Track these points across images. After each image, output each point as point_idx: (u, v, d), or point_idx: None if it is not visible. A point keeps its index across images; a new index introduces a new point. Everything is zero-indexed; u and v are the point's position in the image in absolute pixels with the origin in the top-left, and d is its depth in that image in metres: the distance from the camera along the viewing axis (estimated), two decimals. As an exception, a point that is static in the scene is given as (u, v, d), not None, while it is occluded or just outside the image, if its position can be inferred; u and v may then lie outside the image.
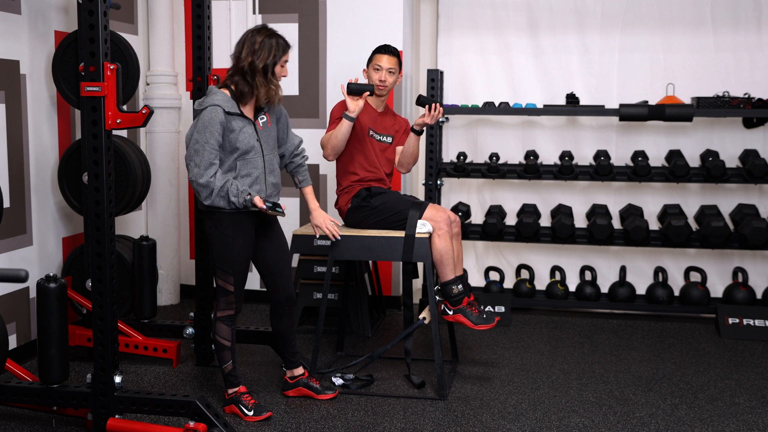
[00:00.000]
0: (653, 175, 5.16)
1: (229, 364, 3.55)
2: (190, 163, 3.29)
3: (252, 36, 3.39)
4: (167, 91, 5.35)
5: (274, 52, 3.38)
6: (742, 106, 4.96)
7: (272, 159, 3.50)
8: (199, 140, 3.27)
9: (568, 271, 5.51)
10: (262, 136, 3.45)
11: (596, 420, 3.53)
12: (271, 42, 3.38)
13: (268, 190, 3.46)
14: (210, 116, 3.28)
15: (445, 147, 5.67)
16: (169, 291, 5.52)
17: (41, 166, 4.34)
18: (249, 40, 3.37)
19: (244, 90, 3.37)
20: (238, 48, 3.40)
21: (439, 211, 3.87)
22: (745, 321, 4.89)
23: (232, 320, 3.54)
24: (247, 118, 3.40)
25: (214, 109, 3.29)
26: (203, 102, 3.35)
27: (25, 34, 4.19)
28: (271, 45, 3.38)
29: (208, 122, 3.27)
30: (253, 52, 3.35)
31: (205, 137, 3.27)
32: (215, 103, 3.30)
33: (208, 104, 3.31)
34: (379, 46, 4.12)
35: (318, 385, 3.73)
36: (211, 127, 3.27)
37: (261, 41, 3.36)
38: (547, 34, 5.52)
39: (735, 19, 5.30)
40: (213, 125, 3.27)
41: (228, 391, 3.56)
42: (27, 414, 3.51)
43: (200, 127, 3.29)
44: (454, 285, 3.85)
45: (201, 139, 3.27)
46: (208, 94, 3.39)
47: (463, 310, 3.86)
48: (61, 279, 3.17)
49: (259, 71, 3.35)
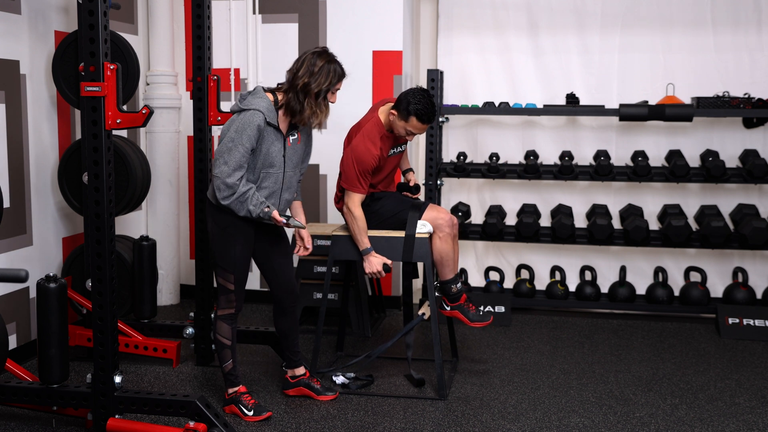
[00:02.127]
0: (653, 175, 5.16)
1: (229, 363, 3.55)
2: (220, 159, 3.28)
3: (312, 58, 3.39)
4: (167, 91, 5.35)
5: (330, 78, 3.40)
6: (742, 106, 4.96)
7: (292, 176, 3.52)
8: (234, 139, 3.27)
9: (568, 271, 5.51)
10: (288, 153, 3.46)
11: (596, 420, 3.53)
12: (330, 67, 3.40)
13: (281, 205, 3.49)
14: (251, 120, 3.28)
15: (445, 147, 5.67)
16: (169, 291, 5.52)
17: (41, 166, 4.34)
18: (309, 61, 3.38)
19: (294, 107, 3.38)
20: (296, 66, 3.40)
21: (440, 213, 3.87)
22: (745, 321, 4.89)
23: (232, 319, 3.55)
24: (280, 132, 3.42)
25: (257, 114, 3.29)
26: (248, 102, 3.34)
27: (25, 34, 4.18)
28: (329, 70, 3.39)
29: (248, 125, 3.28)
30: (310, 74, 3.36)
31: (241, 139, 3.27)
32: (259, 108, 3.31)
33: (252, 107, 3.31)
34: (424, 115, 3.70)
35: (319, 386, 3.73)
36: (249, 131, 3.28)
37: (321, 65, 3.37)
38: (547, 34, 5.52)
39: (735, 19, 5.30)
40: (251, 129, 3.28)
41: (228, 391, 3.56)
42: (27, 414, 3.51)
43: (239, 127, 3.28)
44: (453, 284, 3.91)
45: (237, 139, 3.27)
46: (254, 94, 3.38)
47: (461, 307, 3.94)
48: (61, 279, 3.17)
49: (312, 94, 3.37)
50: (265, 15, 5.35)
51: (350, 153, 3.78)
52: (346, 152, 3.83)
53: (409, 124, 3.72)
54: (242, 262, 3.46)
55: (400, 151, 4.01)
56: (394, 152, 3.96)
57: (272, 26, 5.34)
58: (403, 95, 3.74)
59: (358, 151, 3.75)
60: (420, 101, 3.68)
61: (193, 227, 5.32)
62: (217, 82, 4.11)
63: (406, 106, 3.69)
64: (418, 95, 3.70)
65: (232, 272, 3.46)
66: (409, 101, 3.69)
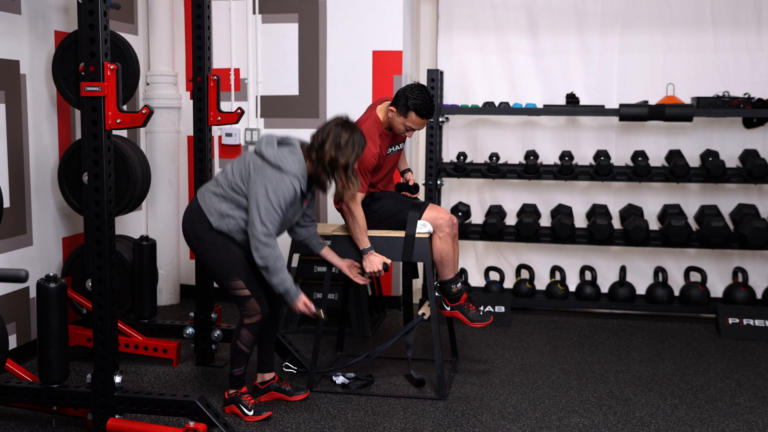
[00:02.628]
0: (653, 175, 5.16)
1: (240, 370, 3.54)
2: (256, 216, 3.25)
3: (337, 129, 3.37)
4: (167, 91, 5.35)
5: (357, 151, 3.39)
6: (742, 106, 4.96)
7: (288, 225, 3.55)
8: (272, 201, 3.26)
9: (568, 271, 5.51)
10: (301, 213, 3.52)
11: (596, 420, 3.53)
12: (354, 139, 3.37)
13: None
14: (290, 187, 3.28)
15: (445, 147, 5.67)
16: (169, 291, 5.52)
17: (41, 166, 4.34)
18: (334, 133, 3.36)
19: (325, 181, 3.40)
20: (322, 136, 3.37)
21: (440, 213, 3.87)
22: (745, 321, 4.89)
23: (258, 327, 3.50)
24: (304, 195, 3.46)
25: (296, 182, 3.30)
26: (285, 160, 3.30)
27: (25, 34, 4.18)
28: (354, 143, 3.37)
29: (287, 191, 3.28)
30: (337, 147, 3.34)
31: (279, 202, 3.27)
32: (297, 175, 3.31)
33: (291, 171, 3.29)
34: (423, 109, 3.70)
35: (289, 388, 3.73)
36: (288, 196, 3.29)
37: (347, 139, 3.35)
38: (547, 34, 5.52)
39: (735, 19, 5.30)
40: (289, 194, 3.29)
41: (228, 391, 3.56)
42: (27, 414, 3.51)
43: (277, 188, 3.27)
44: (453, 284, 3.91)
45: (276, 201, 3.26)
46: (292, 151, 3.34)
47: (461, 307, 3.94)
48: (61, 279, 3.17)
49: (341, 168, 3.36)
50: (265, 15, 5.35)
51: None
52: None
53: (408, 119, 3.72)
54: (241, 263, 3.43)
55: (399, 150, 4.01)
56: (393, 151, 3.96)
57: (272, 26, 5.34)
58: (401, 91, 3.73)
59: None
60: (418, 96, 3.68)
61: (193, 227, 5.31)
62: (217, 82, 4.11)
63: (405, 102, 3.69)
64: (416, 90, 3.70)
65: (238, 277, 3.41)
66: (408, 97, 3.69)
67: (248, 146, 5.42)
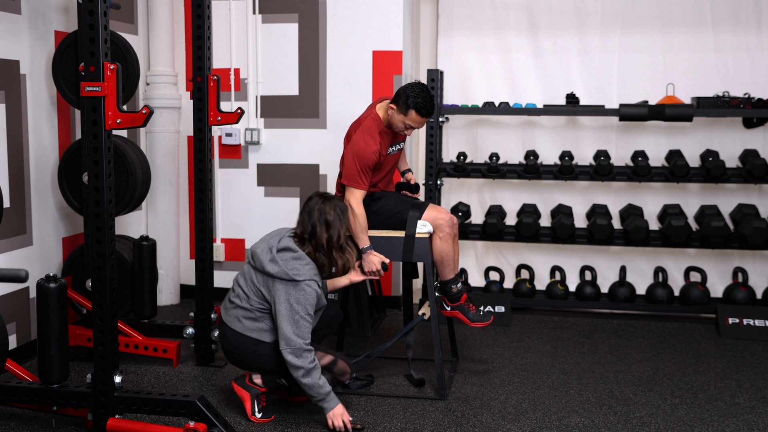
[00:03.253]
0: (653, 175, 5.16)
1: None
2: (288, 331, 3.28)
3: (321, 206, 3.42)
4: (167, 91, 5.35)
5: (344, 222, 3.43)
6: (742, 106, 4.96)
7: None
8: (299, 312, 3.30)
9: (568, 271, 5.51)
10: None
11: (596, 420, 3.53)
12: (339, 210, 3.43)
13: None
14: (311, 291, 3.32)
15: (445, 147, 5.67)
16: (169, 291, 5.52)
17: (41, 166, 4.34)
18: (318, 211, 3.40)
19: (324, 264, 3.43)
20: (310, 223, 3.41)
21: (440, 213, 3.87)
22: (745, 321, 4.89)
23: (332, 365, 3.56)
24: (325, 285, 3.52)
25: (313, 284, 3.34)
26: (297, 270, 3.32)
27: (25, 34, 4.18)
28: (340, 214, 3.43)
29: (309, 297, 3.32)
30: (327, 226, 3.39)
31: (306, 310, 3.31)
32: (313, 278, 3.35)
33: (305, 278, 3.32)
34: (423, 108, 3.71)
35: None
36: (311, 301, 3.33)
37: (333, 214, 3.40)
38: (547, 34, 5.52)
39: (735, 19, 5.30)
40: (312, 299, 3.33)
41: (254, 380, 3.52)
42: (27, 414, 3.51)
43: (301, 301, 3.31)
44: (454, 284, 3.92)
45: (301, 311, 3.30)
46: (298, 260, 3.35)
47: (461, 307, 3.94)
48: (61, 279, 3.17)
49: (336, 245, 3.40)
50: (265, 15, 5.35)
51: (351, 149, 3.77)
52: (347, 149, 3.82)
53: (408, 117, 3.72)
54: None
55: (399, 149, 4.02)
56: (393, 150, 3.96)
57: (272, 26, 5.34)
58: (402, 90, 3.74)
59: (358, 147, 3.75)
60: (419, 95, 3.68)
61: (193, 227, 5.32)
62: (217, 82, 4.11)
63: (405, 100, 3.69)
64: (417, 89, 3.70)
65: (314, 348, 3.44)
66: (408, 95, 3.69)
67: (248, 146, 5.42)
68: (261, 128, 5.39)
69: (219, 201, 5.50)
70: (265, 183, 5.45)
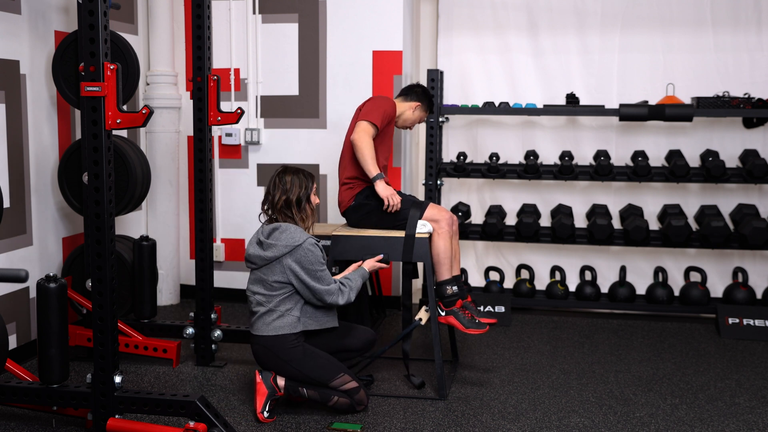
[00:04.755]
0: (653, 175, 5.16)
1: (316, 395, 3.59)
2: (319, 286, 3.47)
3: (279, 177, 3.57)
4: (167, 91, 5.35)
5: (303, 183, 3.56)
6: (742, 106, 4.96)
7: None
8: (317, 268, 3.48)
9: (568, 271, 5.51)
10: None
11: (596, 420, 3.53)
12: (297, 176, 3.57)
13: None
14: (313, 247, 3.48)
15: (445, 147, 5.67)
16: (169, 291, 5.52)
17: (41, 166, 4.34)
18: (277, 181, 3.57)
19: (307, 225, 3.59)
20: (270, 192, 3.58)
21: (440, 211, 3.88)
22: (745, 321, 4.90)
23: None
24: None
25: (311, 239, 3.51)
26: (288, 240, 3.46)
27: (25, 34, 4.19)
28: (298, 179, 3.56)
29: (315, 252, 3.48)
30: (284, 191, 3.54)
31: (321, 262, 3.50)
32: (308, 236, 3.51)
33: (302, 238, 3.47)
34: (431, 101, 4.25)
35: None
36: (318, 254, 3.50)
37: (290, 179, 3.55)
38: (547, 34, 5.52)
39: (735, 19, 5.30)
40: (318, 252, 3.50)
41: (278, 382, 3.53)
42: (27, 414, 3.51)
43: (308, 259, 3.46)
44: (449, 286, 3.87)
45: (318, 265, 3.49)
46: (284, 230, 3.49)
47: (455, 313, 3.87)
48: (61, 279, 3.17)
49: (294, 205, 3.54)
50: (265, 15, 5.34)
51: (374, 101, 4.02)
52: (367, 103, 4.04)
53: (425, 114, 4.22)
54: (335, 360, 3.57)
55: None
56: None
57: (272, 26, 5.34)
58: (421, 91, 4.20)
59: (379, 100, 4.04)
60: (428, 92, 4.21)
61: (193, 227, 5.32)
62: (217, 82, 4.11)
63: (429, 103, 4.21)
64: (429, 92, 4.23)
65: (342, 372, 3.53)
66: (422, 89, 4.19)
67: (248, 146, 5.42)
68: (261, 128, 5.39)
69: (219, 201, 5.50)
70: (265, 183, 5.44)
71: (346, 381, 3.52)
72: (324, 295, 3.48)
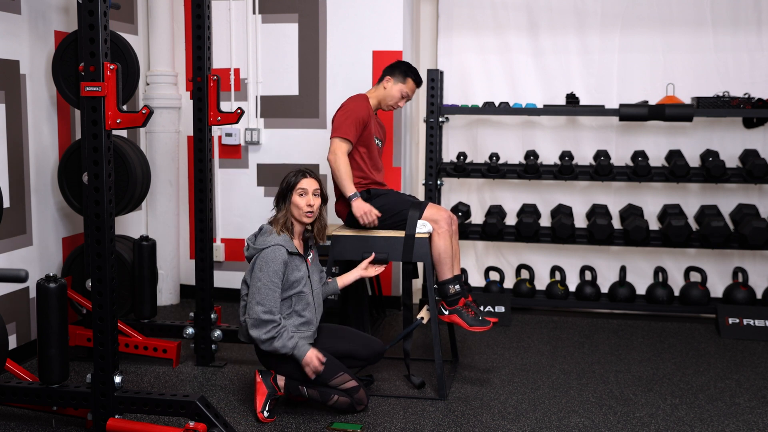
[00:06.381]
0: (653, 175, 5.16)
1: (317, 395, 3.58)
2: (252, 302, 3.39)
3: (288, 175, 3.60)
4: (167, 91, 5.35)
5: (287, 179, 3.56)
6: (742, 106, 4.96)
7: (319, 292, 3.66)
8: (261, 279, 3.38)
9: (568, 271, 5.51)
10: (312, 272, 3.61)
11: (596, 420, 3.53)
12: (288, 175, 3.58)
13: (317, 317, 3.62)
14: (273, 255, 3.40)
15: (445, 147, 5.67)
16: (169, 291, 5.52)
17: (41, 166, 4.34)
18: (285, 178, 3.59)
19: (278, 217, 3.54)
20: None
21: (440, 211, 3.88)
22: (745, 321, 4.90)
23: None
24: (302, 256, 3.55)
25: (278, 249, 3.42)
26: (262, 241, 3.45)
27: (25, 34, 4.19)
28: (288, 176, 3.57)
29: (271, 261, 3.39)
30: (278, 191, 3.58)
31: (269, 275, 3.38)
32: (277, 243, 3.43)
33: (268, 245, 3.42)
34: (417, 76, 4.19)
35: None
36: (275, 266, 3.39)
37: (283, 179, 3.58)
38: (547, 34, 5.52)
39: (735, 19, 5.30)
40: (276, 264, 3.40)
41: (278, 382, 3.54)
42: (27, 414, 3.51)
43: (262, 265, 3.40)
44: (451, 285, 3.88)
45: (264, 278, 3.38)
46: (264, 233, 3.51)
47: (459, 311, 3.89)
48: (61, 279, 3.17)
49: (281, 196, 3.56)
50: (265, 15, 5.35)
51: (342, 110, 4.01)
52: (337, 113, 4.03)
53: (406, 85, 4.12)
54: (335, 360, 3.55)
55: (381, 145, 4.21)
56: (378, 142, 4.14)
57: (272, 26, 5.34)
58: (394, 64, 4.19)
59: (350, 105, 4.03)
60: (411, 67, 4.18)
61: (193, 227, 5.32)
62: (217, 82, 4.11)
63: (404, 70, 4.13)
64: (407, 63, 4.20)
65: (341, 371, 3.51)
66: (404, 66, 4.15)
67: (248, 146, 5.42)
68: (261, 128, 5.39)
69: (219, 201, 5.50)
70: (265, 183, 5.45)
71: (346, 380, 3.52)
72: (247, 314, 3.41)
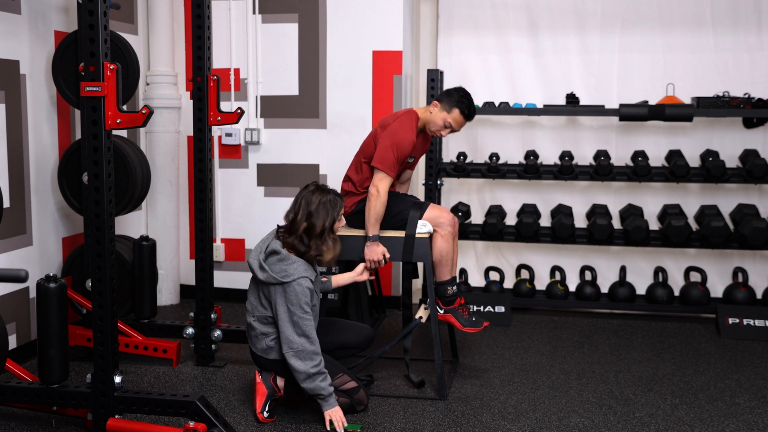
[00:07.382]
0: (653, 175, 5.16)
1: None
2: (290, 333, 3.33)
3: (307, 196, 3.43)
4: (167, 91, 5.35)
5: (330, 212, 3.41)
6: (742, 106, 4.96)
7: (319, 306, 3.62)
8: (296, 313, 3.33)
9: (568, 271, 5.51)
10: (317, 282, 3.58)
11: (596, 420, 3.53)
12: (327, 199, 3.41)
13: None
14: (302, 289, 3.33)
15: (445, 147, 5.67)
16: (169, 291, 5.52)
17: (41, 166, 4.34)
18: (304, 201, 3.41)
19: (299, 249, 3.41)
20: (293, 208, 3.44)
21: (442, 212, 3.89)
22: (745, 321, 4.89)
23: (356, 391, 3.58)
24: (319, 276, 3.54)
25: (304, 281, 3.35)
26: (285, 271, 3.35)
27: (25, 34, 4.18)
28: (326, 204, 3.40)
29: (302, 295, 3.33)
30: (308, 216, 3.39)
31: (303, 309, 3.33)
32: (302, 275, 3.35)
33: (294, 277, 3.33)
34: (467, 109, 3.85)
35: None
36: (305, 298, 3.34)
37: (317, 202, 3.40)
38: (547, 34, 5.52)
39: (735, 19, 5.30)
40: (305, 296, 3.34)
41: (278, 383, 3.54)
42: (27, 414, 3.51)
43: (295, 300, 3.33)
44: (450, 286, 3.90)
45: (298, 312, 3.33)
46: (285, 261, 3.37)
47: (455, 311, 3.92)
48: (61, 279, 3.17)
49: (316, 235, 3.40)
50: (265, 15, 5.34)
51: (390, 136, 3.80)
52: (385, 134, 3.83)
53: (451, 115, 3.83)
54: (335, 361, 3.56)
55: (411, 162, 4.09)
56: (409, 160, 4.04)
57: (272, 26, 5.34)
58: (450, 90, 3.88)
59: (399, 135, 3.80)
60: (465, 97, 3.85)
61: (193, 227, 5.32)
62: (217, 82, 4.11)
63: (453, 99, 3.83)
64: (464, 92, 3.86)
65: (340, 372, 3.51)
66: (457, 95, 3.84)
67: (248, 146, 5.42)
68: (261, 128, 5.39)
69: (219, 201, 5.50)
70: (265, 183, 5.45)
71: (346, 381, 3.52)
72: (288, 345, 3.34)
